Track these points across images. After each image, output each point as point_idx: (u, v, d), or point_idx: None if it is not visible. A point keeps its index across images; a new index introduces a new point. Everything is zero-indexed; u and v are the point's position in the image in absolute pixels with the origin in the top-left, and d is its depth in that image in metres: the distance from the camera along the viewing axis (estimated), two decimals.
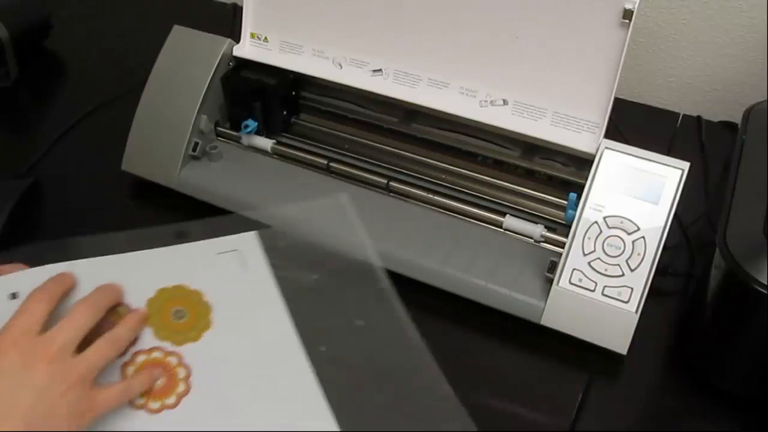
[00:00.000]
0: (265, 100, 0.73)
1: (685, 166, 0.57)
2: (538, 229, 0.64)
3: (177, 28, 0.74)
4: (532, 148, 0.68)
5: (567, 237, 0.59)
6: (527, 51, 0.63)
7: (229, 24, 0.98)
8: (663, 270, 0.61)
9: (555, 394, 0.57)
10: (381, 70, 0.69)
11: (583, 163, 0.63)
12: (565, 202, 0.64)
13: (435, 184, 0.71)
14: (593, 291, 0.57)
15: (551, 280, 0.59)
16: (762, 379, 0.54)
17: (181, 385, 0.50)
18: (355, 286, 0.59)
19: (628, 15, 0.58)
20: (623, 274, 0.57)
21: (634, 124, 0.79)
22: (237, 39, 0.73)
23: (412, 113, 0.73)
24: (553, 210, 0.67)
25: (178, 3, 1.09)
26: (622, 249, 0.57)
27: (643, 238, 0.57)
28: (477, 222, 0.66)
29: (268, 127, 0.75)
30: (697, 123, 0.87)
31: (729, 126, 0.85)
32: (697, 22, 0.84)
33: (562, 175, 0.67)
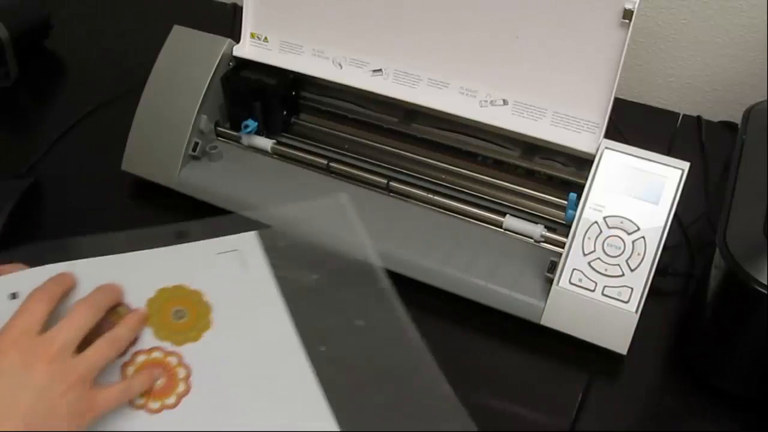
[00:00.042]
0: (265, 100, 0.73)
1: (685, 166, 0.57)
2: (538, 229, 0.64)
3: (177, 28, 0.74)
4: (532, 148, 0.68)
5: (567, 237, 0.59)
6: (527, 51, 0.63)
7: (229, 24, 0.98)
8: (663, 270, 0.61)
9: (555, 394, 0.57)
10: (381, 70, 0.69)
11: (583, 163, 0.63)
12: (565, 202, 0.64)
13: (435, 184, 0.71)
14: (593, 291, 0.57)
15: (551, 280, 0.59)
16: (762, 379, 0.54)
17: (181, 385, 0.50)
18: (355, 286, 0.59)
19: (628, 15, 0.58)
20: (623, 274, 0.57)
21: (634, 124, 0.79)
22: (237, 39, 0.73)
23: (412, 113, 0.73)
24: (553, 210, 0.67)
25: (178, 3, 1.09)
26: (622, 249, 0.57)
27: (643, 238, 0.57)
28: (477, 222, 0.66)
29: (268, 127, 0.75)
30: (697, 123, 0.87)
31: (729, 126, 0.85)
32: (697, 22, 0.84)
33: (562, 175, 0.67)
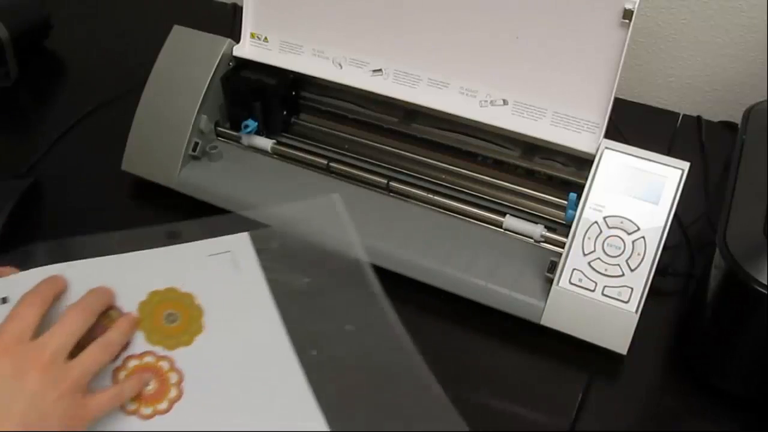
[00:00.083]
0: (265, 100, 0.73)
1: (685, 166, 0.57)
2: (538, 229, 0.64)
3: (177, 28, 0.74)
4: (532, 148, 0.68)
5: (567, 237, 0.59)
6: (527, 51, 0.63)
7: (229, 24, 0.98)
8: (663, 270, 0.61)
9: (555, 394, 0.57)
10: (381, 70, 0.69)
11: (583, 163, 0.63)
12: (565, 202, 0.64)
13: (435, 184, 0.71)
14: (593, 291, 0.57)
15: (551, 280, 0.59)
16: (762, 379, 0.54)
17: (173, 390, 0.50)
18: (346, 290, 0.58)
19: (628, 15, 0.58)
20: (623, 274, 0.57)
21: (634, 124, 0.79)
22: (237, 39, 0.73)
23: (412, 113, 0.73)
24: (553, 210, 0.67)
25: (178, 3, 1.09)
26: (622, 249, 0.57)
27: (643, 238, 0.57)
28: (477, 222, 0.66)
29: (268, 127, 0.75)
30: (697, 123, 0.86)
31: (729, 126, 0.85)
32: (697, 22, 0.84)
33: (562, 175, 0.67)
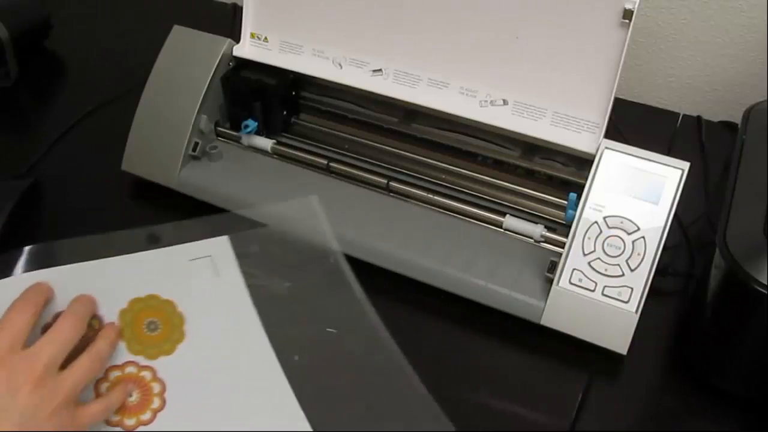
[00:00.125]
0: (265, 100, 0.73)
1: (685, 166, 0.57)
2: (538, 229, 0.64)
3: (177, 28, 0.74)
4: (532, 148, 0.68)
5: (567, 237, 0.59)
6: (527, 51, 0.63)
7: (229, 24, 0.98)
8: (663, 270, 0.61)
9: (555, 394, 0.57)
10: (381, 70, 0.69)
11: (583, 163, 0.63)
12: (565, 202, 0.64)
13: (435, 184, 0.71)
14: (593, 291, 0.57)
15: (551, 280, 0.59)
16: (762, 379, 0.54)
17: (156, 401, 0.50)
18: (327, 293, 0.58)
19: (628, 15, 0.57)
20: (623, 274, 0.57)
21: (634, 124, 0.79)
22: (237, 39, 0.73)
23: (412, 113, 0.73)
24: (553, 210, 0.67)
25: (178, 3, 1.09)
26: (622, 249, 0.57)
27: (643, 238, 0.57)
28: (477, 222, 0.66)
29: (268, 127, 0.75)
30: (697, 123, 0.86)
31: (729, 126, 0.85)
32: (697, 22, 0.84)
33: (562, 175, 0.67)
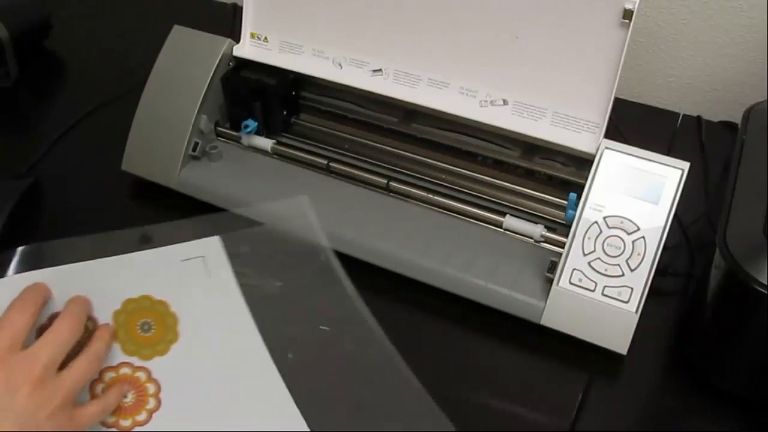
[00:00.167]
0: (265, 100, 0.73)
1: (685, 166, 0.57)
2: (538, 229, 0.64)
3: (177, 28, 0.74)
4: (532, 148, 0.68)
5: (567, 237, 0.59)
6: (527, 51, 0.63)
7: (229, 24, 0.98)
8: (663, 270, 0.61)
9: (555, 394, 0.57)
10: (381, 70, 0.69)
11: (583, 163, 0.63)
12: (565, 202, 0.64)
13: (435, 184, 0.71)
14: (593, 291, 0.57)
15: (551, 280, 0.59)
16: (762, 379, 0.54)
17: (151, 401, 0.50)
18: (319, 291, 0.59)
19: (628, 15, 0.57)
20: (623, 274, 0.57)
21: (634, 124, 0.79)
22: (237, 39, 0.73)
23: (412, 113, 0.73)
24: (553, 210, 0.67)
25: (178, 3, 1.09)
26: (622, 249, 0.57)
27: (643, 238, 0.57)
28: (477, 222, 0.66)
29: (268, 127, 0.75)
30: (697, 123, 0.86)
31: (729, 126, 0.85)
32: (697, 22, 0.84)
33: (562, 175, 0.67)
